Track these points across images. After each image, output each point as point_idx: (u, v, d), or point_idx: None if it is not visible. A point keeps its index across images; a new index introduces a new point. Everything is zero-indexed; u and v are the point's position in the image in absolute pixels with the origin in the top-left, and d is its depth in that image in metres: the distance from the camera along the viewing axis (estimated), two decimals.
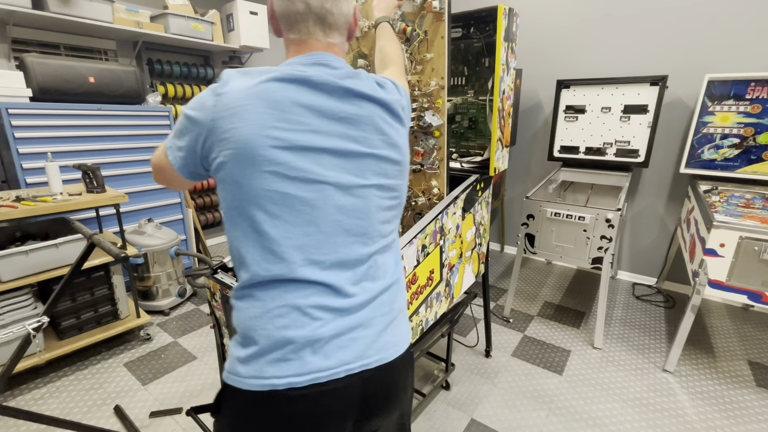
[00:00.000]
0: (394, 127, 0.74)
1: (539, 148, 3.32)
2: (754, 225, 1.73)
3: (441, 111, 1.36)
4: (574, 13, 2.95)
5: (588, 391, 1.91)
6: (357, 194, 0.69)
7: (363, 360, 0.69)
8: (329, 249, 0.67)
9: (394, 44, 1.08)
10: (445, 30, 1.28)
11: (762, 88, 2.22)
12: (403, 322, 0.79)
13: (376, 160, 0.71)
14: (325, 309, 0.67)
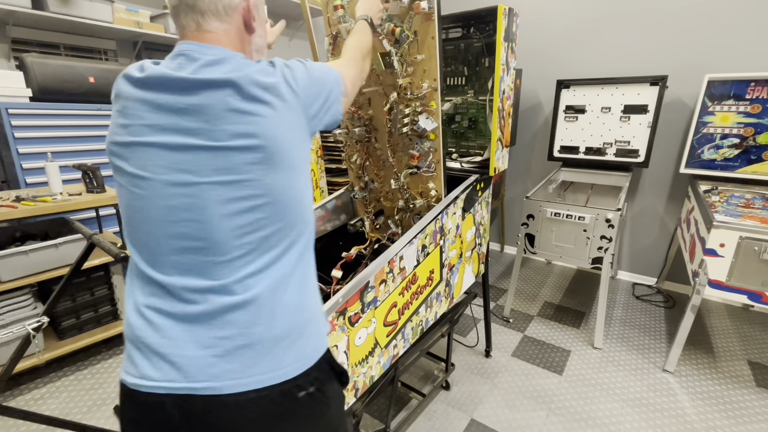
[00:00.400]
0: (254, 115, 0.63)
1: (539, 148, 3.32)
2: (754, 225, 1.72)
3: (435, 113, 1.33)
4: (574, 13, 2.94)
5: (588, 391, 1.91)
6: (189, 193, 0.62)
7: (191, 382, 0.61)
8: (166, 249, 0.64)
9: (354, 37, 1.03)
10: (435, 30, 1.23)
11: (762, 88, 2.22)
12: (272, 355, 0.65)
13: (218, 152, 0.62)
14: (159, 312, 0.64)
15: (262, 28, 0.80)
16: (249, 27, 0.75)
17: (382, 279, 1.13)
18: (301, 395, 0.67)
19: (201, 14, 0.69)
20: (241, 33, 0.74)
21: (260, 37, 0.80)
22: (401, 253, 1.19)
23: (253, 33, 0.77)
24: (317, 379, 0.70)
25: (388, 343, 1.23)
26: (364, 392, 1.18)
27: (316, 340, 0.72)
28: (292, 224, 0.69)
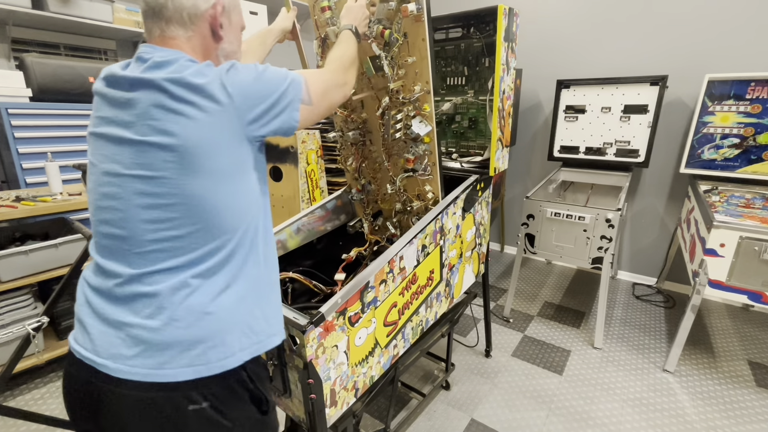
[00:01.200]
0: (178, 114, 0.65)
1: (539, 148, 3.32)
2: (754, 225, 1.72)
3: (429, 117, 1.28)
4: (575, 13, 2.94)
5: (588, 391, 1.91)
6: (115, 183, 0.67)
7: (95, 356, 0.67)
8: (99, 233, 0.71)
9: (337, 47, 1.00)
10: (425, 32, 1.19)
11: (762, 88, 2.22)
12: (163, 353, 0.65)
13: (140, 147, 0.65)
14: (91, 287, 0.71)
15: (233, 35, 0.80)
16: (216, 35, 0.76)
17: (382, 279, 1.13)
18: (190, 408, 0.66)
19: (165, 21, 0.72)
20: (207, 40, 0.76)
21: (230, 43, 0.80)
22: (401, 253, 1.19)
23: (221, 41, 0.77)
24: (215, 395, 0.69)
25: (388, 343, 1.23)
26: (364, 392, 1.18)
27: (224, 353, 0.69)
28: (212, 231, 0.68)
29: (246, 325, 0.73)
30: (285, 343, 0.97)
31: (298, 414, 1.06)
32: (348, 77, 0.94)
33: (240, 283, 0.73)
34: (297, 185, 3.29)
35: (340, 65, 0.93)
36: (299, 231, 1.57)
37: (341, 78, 0.91)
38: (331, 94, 0.87)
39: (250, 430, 0.76)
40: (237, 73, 0.70)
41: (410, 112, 1.30)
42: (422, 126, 1.27)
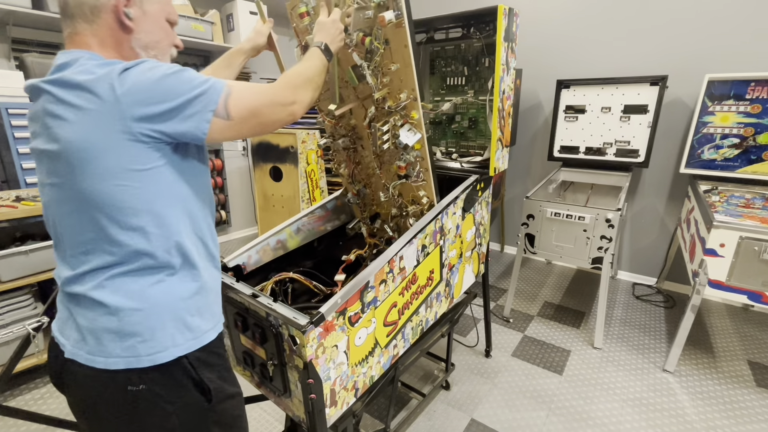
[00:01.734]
0: (60, 119, 0.65)
1: (539, 148, 3.32)
2: (754, 225, 1.72)
3: (417, 124, 1.23)
4: (574, 13, 2.94)
5: (588, 391, 1.91)
6: (44, 192, 0.73)
7: (59, 335, 0.76)
8: (50, 233, 0.77)
9: (299, 65, 0.92)
10: (407, 38, 1.12)
11: (762, 88, 2.22)
12: (99, 341, 0.71)
13: (46, 156, 0.69)
14: (59, 275, 0.77)
15: (150, 25, 0.77)
16: (123, 26, 0.74)
17: (382, 279, 1.13)
18: (129, 389, 0.72)
19: (71, 18, 0.72)
20: (115, 32, 0.74)
21: (147, 33, 0.77)
22: (401, 253, 1.19)
23: (131, 32, 0.75)
24: (153, 380, 0.73)
25: (388, 343, 1.23)
26: (364, 392, 1.18)
27: (154, 347, 0.72)
28: (120, 234, 0.70)
29: (180, 322, 0.75)
30: (285, 343, 0.97)
31: (298, 414, 1.06)
32: (299, 96, 0.85)
33: (170, 282, 0.75)
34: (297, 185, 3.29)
35: (289, 83, 0.85)
36: (299, 231, 1.58)
37: (287, 96, 0.82)
38: (268, 113, 0.78)
39: (194, 417, 0.78)
40: (135, 72, 0.66)
41: (397, 121, 1.23)
42: (411, 135, 1.21)
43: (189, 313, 0.77)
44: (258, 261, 1.40)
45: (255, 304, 1.01)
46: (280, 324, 0.95)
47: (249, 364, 1.14)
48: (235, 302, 1.09)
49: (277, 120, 0.81)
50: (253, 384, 1.21)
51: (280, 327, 0.96)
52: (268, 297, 1.03)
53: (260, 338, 1.03)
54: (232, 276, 1.18)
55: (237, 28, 3.20)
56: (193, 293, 0.78)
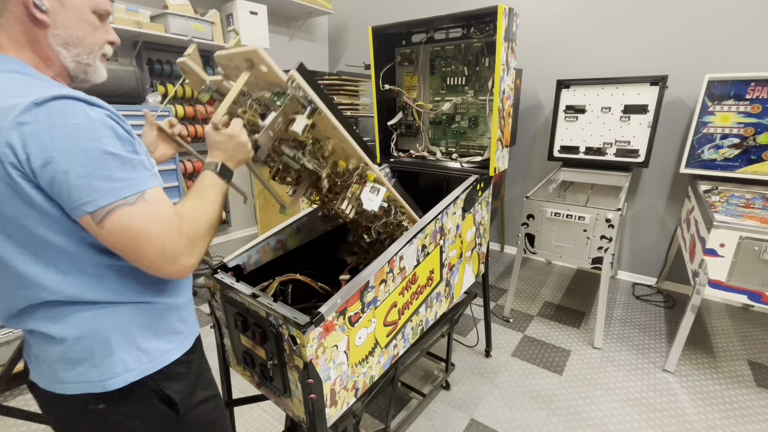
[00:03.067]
0: None
1: (539, 148, 3.32)
2: (754, 225, 1.72)
3: (378, 179, 1.10)
4: (575, 13, 2.95)
5: (588, 391, 1.91)
6: None
7: (28, 358, 0.74)
8: None
9: (197, 202, 0.74)
10: (332, 120, 0.93)
11: (762, 88, 2.22)
12: (52, 369, 0.69)
13: None
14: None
15: (71, 19, 0.67)
16: (36, 20, 0.64)
17: (382, 279, 1.13)
18: (89, 407, 0.70)
19: None
20: (27, 28, 0.64)
21: (68, 29, 0.67)
22: (401, 253, 1.19)
23: (46, 28, 0.65)
24: (113, 399, 0.70)
25: (388, 343, 1.23)
26: (364, 392, 1.18)
27: (105, 373, 0.69)
28: (38, 278, 0.65)
29: (132, 346, 0.71)
30: (285, 343, 0.97)
31: (298, 414, 1.06)
32: (196, 252, 0.69)
33: (115, 308, 0.70)
34: None
35: (192, 232, 0.69)
36: (299, 231, 1.57)
37: (185, 251, 0.67)
38: (149, 256, 0.64)
39: (163, 429, 0.76)
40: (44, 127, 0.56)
41: (356, 190, 1.10)
42: (374, 196, 1.09)
43: (142, 336, 0.72)
44: (258, 261, 1.40)
45: (255, 304, 1.01)
46: (280, 324, 0.95)
47: (249, 364, 1.14)
48: (235, 302, 1.09)
49: (161, 273, 0.67)
50: (253, 384, 1.21)
51: (280, 327, 0.96)
52: (269, 297, 1.03)
53: (260, 338, 1.03)
54: (232, 276, 1.18)
55: (237, 28, 3.20)
56: (146, 316, 0.73)
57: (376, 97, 1.96)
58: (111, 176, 0.60)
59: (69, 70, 0.71)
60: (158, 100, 2.81)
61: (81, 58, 0.70)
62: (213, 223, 0.75)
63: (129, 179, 0.62)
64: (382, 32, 1.85)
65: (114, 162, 0.60)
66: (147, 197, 0.64)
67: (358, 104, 3.76)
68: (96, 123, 0.60)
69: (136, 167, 0.64)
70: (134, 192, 0.62)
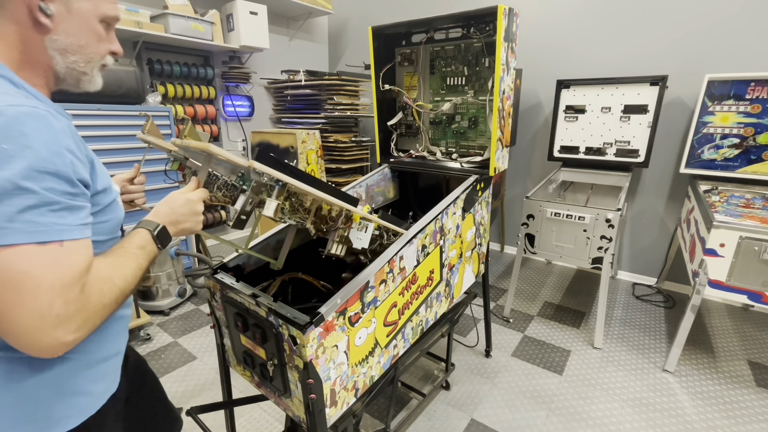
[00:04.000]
0: None
1: (539, 148, 3.32)
2: (754, 225, 1.72)
3: (365, 217, 1.08)
4: (574, 13, 2.95)
5: (588, 391, 1.91)
6: None
7: None
8: None
9: (119, 262, 0.63)
10: (306, 189, 0.87)
11: (762, 88, 2.22)
12: None
13: None
14: None
15: (75, 26, 0.63)
16: (37, 23, 0.60)
17: (382, 279, 1.13)
18: None
19: None
20: (24, 30, 0.60)
21: (70, 36, 0.63)
22: (401, 253, 1.19)
23: (48, 32, 0.61)
24: None
25: (388, 343, 1.23)
26: (364, 392, 1.18)
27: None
28: None
29: (20, 409, 0.61)
30: (285, 343, 0.97)
31: (298, 414, 1.06)
32: (89, 324, 0.57)
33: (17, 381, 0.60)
34: None
35: (98, 294, 0.58)
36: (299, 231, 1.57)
37: (74, 315, 0.54)
38: (15, 320, 0.51)
39: None
40: None
41: (343, 233, 1.08)
42: (363, 234, 1.07)
43: (37, 396, 0.62)
44: (258, 261, 1.40)
45: (255, 304, 1.01)
46: (280, 324, 0.95)
47: (249, 364, 1.14)
48: (235, 302, 1.09)
49: (23, 342, 0.52)
50: (253, 384, 1.22)
51: (280, 327, 0.96)
52: (269, 297, 1.03)
53: (260, 338, 1.03)
54: (232, 276, 1.18)
55: (237, 28, 3.20)
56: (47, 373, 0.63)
57: (376, 97, 1.96)
58: (28, 218, 0.51)
59: (58, 74, 0.66)
60: (158, 100, 2.81)
61: (77, 65, 0.66)
62: (125, 293, 0.63)
63: (51, 224, 0.53)
64: (382, 32, 1.85)
65: (33, 200, 0.51)
66: (65, 245, 0.54)
67: (358, 104, 3.76)
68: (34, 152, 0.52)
69: (71, 211, 0.56)
70: (52, 239, 0.53)
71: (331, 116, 3.60)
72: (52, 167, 0.53)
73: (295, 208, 1.00)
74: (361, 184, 1.84)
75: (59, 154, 0.54)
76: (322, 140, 3.53)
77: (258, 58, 3.71)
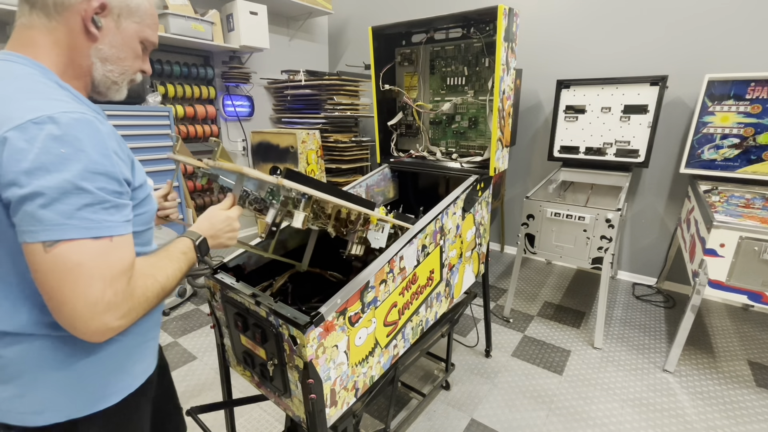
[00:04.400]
0: None
1: (539, 148, 3.32)
2: (754, 225, 1.72)
3: (382, 218, 1.11)
4: (574, 13, 2.95)
5: (588, 391, 1.91)
6: None
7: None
8: None
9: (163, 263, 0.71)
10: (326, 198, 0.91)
11: (762, 88, 2.22)
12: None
13: None
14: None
15: (121, 41, 0.71)
16: (88, 32, 0.67)
17: (382, 279, 1.13)
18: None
19: (31, 6, 0.65)
20: (75, 36, 0.66)
21: (113, 48, 0.70)
22: (401, 253, 1.19)
23: (96, 40, 0.68)
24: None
25: (389, 343, 1.23)
26: (364, 392, 1.18)
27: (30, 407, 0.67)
28: None
29: (71, 385, 0.67)
30: (285, 343, 0.97)
31: (298, 414, 1.06)
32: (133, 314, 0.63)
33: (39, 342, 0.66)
34: None
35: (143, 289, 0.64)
36: (299, 231, 1.57)
37: (120, 307, 0.60)
38: (71, 306, 0.57)
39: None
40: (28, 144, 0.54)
41: (361, 234, 1.13)
42: (380, 234, 1.12)
43: (82, 373, 0.69)
44: (258, 261, 1.40)
45: (255, 304, 1.01)
46: (280, 324, 0.95)
47: (249, 364, 1.14)
48: (235, 302, 1.09)
49: (74, 325, 0.58)
50: (253, 384, 1.22)
51: (280, 327, 0.96)
52: (269, 297, 1.03)
53: (260, 338, 1.03)
54: (232, 276, 1.18)
55: (237, 28, 3.19)
56: (95, 353, 0.69)
57: (376, 97, 1.96)
58: (81, 215, 0.57)
59: (94, 80, 0.72)
60: (158, 100, 2.81)
61: (113, 75, 0.73)
62: (166, 290, 0.69)
63: (102, 221, 0.59)
64: (382, 32, 1.85)
65: (88, 199, 0.57)
66: (114, 240, 0.60)
67: (358, 104, 3.76)
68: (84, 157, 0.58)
69: (119, 209, 0.62)
70: (104, 234, 0.59)
71: (331, 116, 3.60)
72: (102, 168, 0.59)
73: (317, 214, 1.08)
74: (361, 184, 1.84)
75: (107, 156, 0.60)
76: (322, 140, 3.53)
77: (258, 58, 3.71)
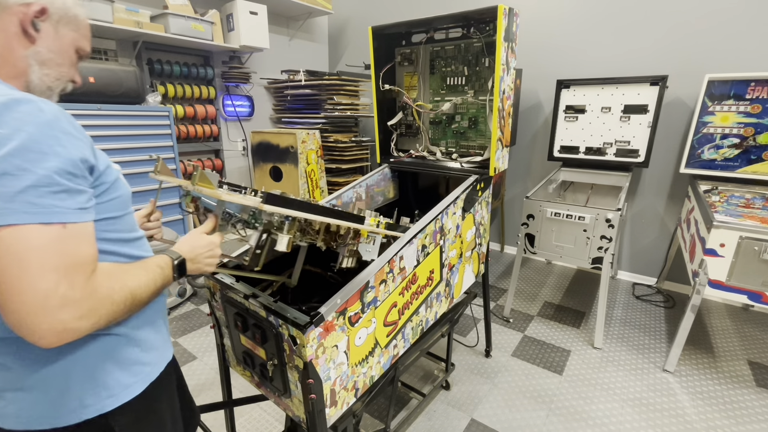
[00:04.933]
0: None
1: (539, 148, 3.32)
2: (754, 225, 1.72)
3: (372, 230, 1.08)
4: (574, 13, 2.94)
5: (588, 391, 1.91)
6: None
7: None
8: None
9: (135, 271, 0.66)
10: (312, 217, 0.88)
11: (762, 88, 2.22)
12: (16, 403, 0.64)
13: None
14: None
15: (58, 47, 0.71)
16: (26, 34, 0.66)
17: (382, 279, 1.13)
18: None
19: None
20: (12, 38, 0.65)
21: (50, 52, 0.70)
22: (401, 253, 1.19)
23: (33, 43, 0.67)
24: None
25: (388, 343, 1.23)
26: (364, 392, 1.18)
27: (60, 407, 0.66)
28: None
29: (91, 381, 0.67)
30: (285, 343, 0.97)
31: (298, 414, 1.06)
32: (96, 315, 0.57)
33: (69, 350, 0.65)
34: (297, 185, 3.29)
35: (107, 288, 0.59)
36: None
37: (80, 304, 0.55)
38: (18, 299, 0.51)
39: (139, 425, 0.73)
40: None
41: (351, 248, 1.10)
42: (371, 246, 1.10)
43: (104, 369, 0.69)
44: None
45: (255, 304, 1.01)
46: (280, 324, 0.95)
47: (249, 364, 1.14)
48: (235, 302, 1.09)
49: (23, 324, 0.52)
50: (253, 384, 1.22)
51: (280, 327, 0.96)
52: (268, 297, 1.03)
53: (260, 338, 1.03)
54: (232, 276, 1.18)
55: (237, 28, 3.19)
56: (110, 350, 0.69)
57: (376, 97, 1.96)
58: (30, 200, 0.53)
59: (31, 83, 0.70)
60: (158, 100, 2.81)
61: (49, 79, 0.72)
62: (136, 298, 0.64)
63: (50, 206, 0.54)
64: (382, 32, 1.85)
65: (30, 181, 0.53)
66: (68, 228, 0.56)
67: (358, 104, 3.76)
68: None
69: (70, 194, 0.57)
70: (54, 221, 0.54)
71: (331, 116, 3.60)
72: (48, 148, 0.55)
73: (305, 230, 1.03)
74: (361, 184, 1.84)
75: (53, 136, 0.56)
76: (322, 140, 3.53)
77: (258, 58, 3.71)
